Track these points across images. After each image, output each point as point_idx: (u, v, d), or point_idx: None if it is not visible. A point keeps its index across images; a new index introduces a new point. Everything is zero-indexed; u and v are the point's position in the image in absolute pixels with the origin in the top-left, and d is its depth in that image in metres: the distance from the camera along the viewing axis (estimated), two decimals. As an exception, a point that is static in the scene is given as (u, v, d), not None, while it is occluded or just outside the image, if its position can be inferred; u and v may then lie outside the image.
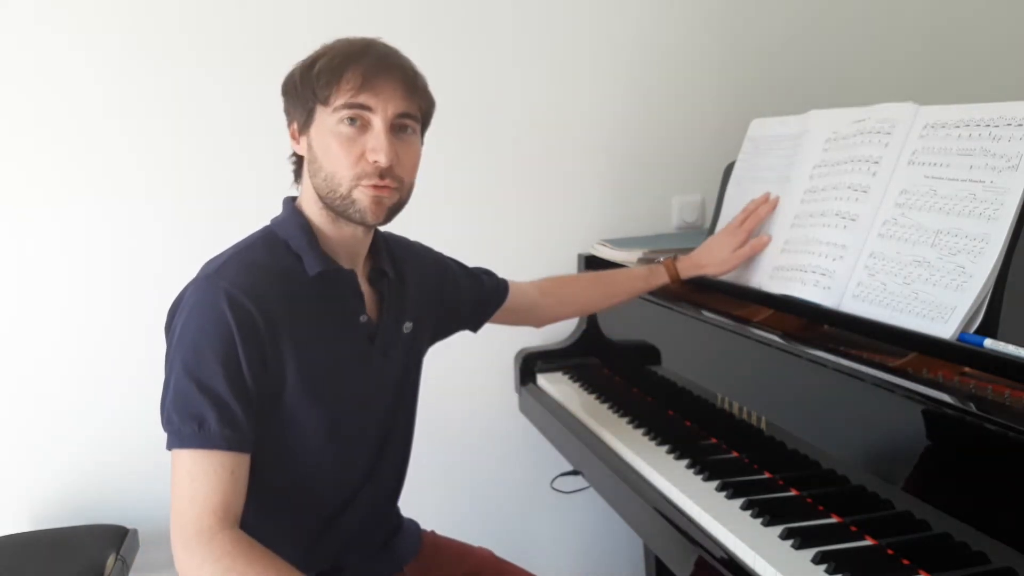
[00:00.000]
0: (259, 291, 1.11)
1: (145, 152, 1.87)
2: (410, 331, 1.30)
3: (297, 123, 1.18)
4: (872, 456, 1.17)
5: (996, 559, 0.94)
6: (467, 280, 1.48)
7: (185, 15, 1.85)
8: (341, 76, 1.12)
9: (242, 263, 1.14)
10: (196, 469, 1.06)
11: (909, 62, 2.26)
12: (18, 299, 1.86)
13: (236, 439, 1.07)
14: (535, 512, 2.19)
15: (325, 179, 1.15)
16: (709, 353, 1.57)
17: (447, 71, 1.98)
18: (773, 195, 1.58)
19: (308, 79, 1.14)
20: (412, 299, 1.31)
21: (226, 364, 1.07)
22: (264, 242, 1.19)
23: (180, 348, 1.10)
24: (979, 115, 1.23)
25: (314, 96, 1.14)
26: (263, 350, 1.10)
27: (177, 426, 1.07)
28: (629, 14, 2.10)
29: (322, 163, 1.15)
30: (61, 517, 1.89)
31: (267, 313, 1.10)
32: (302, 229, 1.18)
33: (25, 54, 1.79)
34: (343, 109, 1.13)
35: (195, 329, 1.09)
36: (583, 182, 2.12)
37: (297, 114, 1.17)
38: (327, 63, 1.13)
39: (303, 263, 1.16)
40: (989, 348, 1.09)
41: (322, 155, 1.15)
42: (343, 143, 1.13)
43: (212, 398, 1.07)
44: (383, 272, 1.27)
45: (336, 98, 1.13)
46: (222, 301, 1.08)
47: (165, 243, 1.87)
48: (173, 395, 1.08)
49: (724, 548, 1.17)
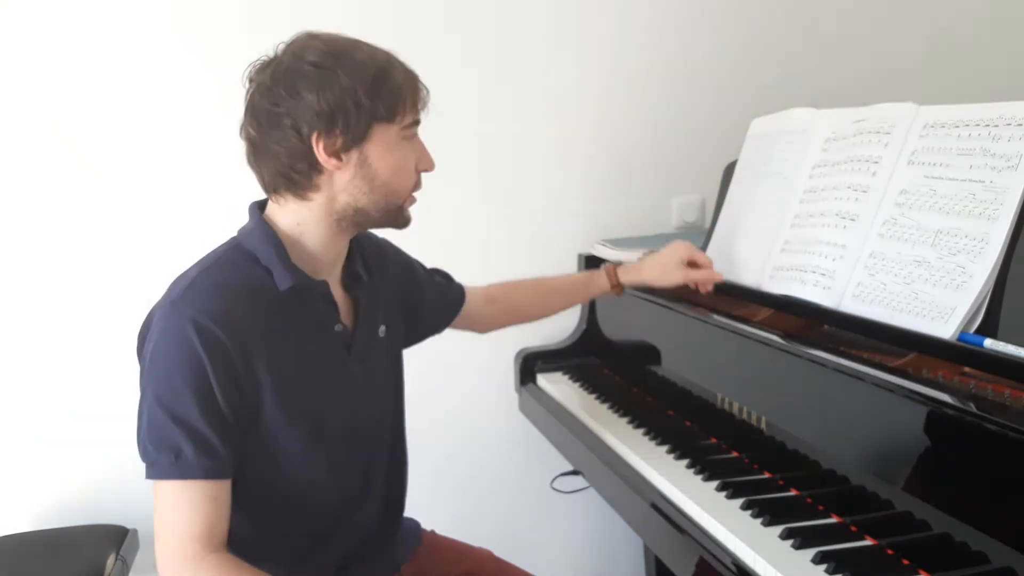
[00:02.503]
0: (227, 314, 1.08)
1: (147, 152, 1.87)
2: (385, 335, 1.29)
3: (343, 139, 1.10)
4: (872, 456, 1.17)
5: (996, 559, 0.94)
6: (430, 281, 1.47)
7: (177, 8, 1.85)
8: (408, 94, 1.14)
9: (208, 284, 1.10)
10: (176, 499, 1.06)
11: (909, 62, 2.26)
12: (18, 299, 1.86)
13: (214, 467, 1.06)
14: (535, 512, 2.19)
15: (385, 195, 1.16)
16: (709, 353, 1.56)
17: (447, 71, 1.98)
18: (773, 195, 1.58)
19: (378, 96, 1.10)
20: (384, 301, 1.31)
21: (198, 393, 1.06)
22: (231, 257, 1.15)
23: (151, 379, 1.09)
24: (979, 115, 1.23)
25: (383, 113, 1.12)
26: (236, 374, 1.08)
27: (154, 457, 1.07)
28: (629, 14, 2.10)
29: (385, 179, 1.15)
30: (61, 517, 1.89)
31: (237, 336, 1.08)
32: (270, 241, 1.14)
33: (16, 52, 1.80)
34: (412, 127, 1.16)
35: (163, 359, 1.07)
36: (583, 182, 2.12)
37: (350, 130, 1.10)
38: (403, 81, 1.13)
39: (273, 277, 1.13)
40: (989, 348, 1.09)
41: (386, 171, 1.14)
42: (409, 159, 1.17)
43: (187, 429, 1.05)
44: (358, 276, 1.25)
45: (405, 115, 1.14)
46: (189, 330, 1.05)
47: (167, 245, 1.87)
48: (148, 427, 1.08)
49: (724, 548, 1.17)
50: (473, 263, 1.59)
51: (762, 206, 1.60)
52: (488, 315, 1.58)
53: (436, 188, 2.00)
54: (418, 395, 1.43)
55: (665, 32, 2.13)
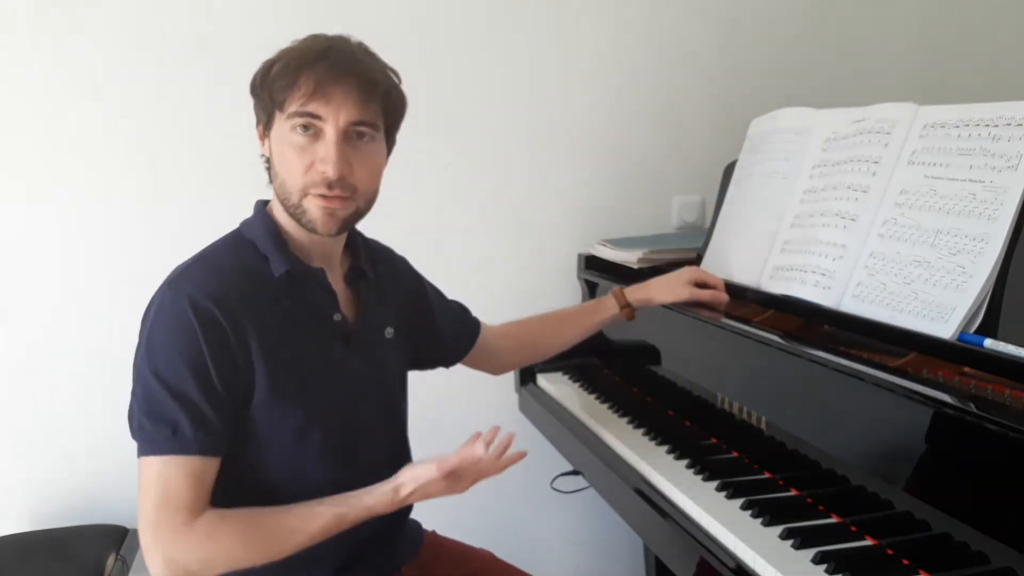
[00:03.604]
0: (222, 293, 1.10)
1: (142, 150, 1.87)
2: (392, 337, 1.29)
3: (261, 126, 1.17)
4: (872, 456, 1.17)
5: (996, 559, 0.94)
6: (445, 305, 1.46)
7: (170, 11, 1.85)
8: (295, 82, 1.10)
9: (206, 266, 1.14)
10: (167, 472, 1.07)
11: (909, 62, 2.26)
12: (18, 300, 1.86)
13: (209, 443, 1.08)
14: (535, 512, 2.19)
15: (280, 185, 1.15)
16: (709, 353, 1.56)
17: (447, 72, 1.99)
18: (773, 195, 1.58)
19: (266, 82, 1.13)
20: (391, 304, 1.30)
21: (195, 368, 1.07)
22: (231, 244, 1.18)
23: (148, 355, 1.10)
24: (979, 115, 1.23)
25: (271, 100, 1.13)
26: (231, 352, 1.09)
27: (151, 433, 1.07)
28: (629, 13, 2.10)
29: (278, 169, 1.15)
30: (61, 517, 1.89)
31: (232, 314, 1.09)
32: (267, 230, 1.17)
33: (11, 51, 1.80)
34: (295, 117, 1.11)
35: (161, 335, 1.09)
36: (583, 182, 2.12)
37: (260, 116, 1.17)
38: (282, 68, 1.11)
39: (269, 263, 1.15)
40: (989, 348, 1.09)
41: (277, 161, 1.15)
42: (295, 151, 1.12)
43: (184, 403, 1.07)
44: (362, 272, 1.25)
45: (289, 104, 1.11)
46: (185, 306, 1.07)
47: (165, 243, 1.87)
48: (145, 401, 1.09)
49: (724, 548, 1.17)
50: (473, 263, 1.59)
51: (762, 206, 1.61)
52: (504, 349, 1.55)
53: (436, 188, 2.02)
54: (418, 395, 1.42)
55: (665, 32, 2.13)
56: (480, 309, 1.53)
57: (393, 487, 1.15)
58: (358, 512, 1.13)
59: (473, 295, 1.54)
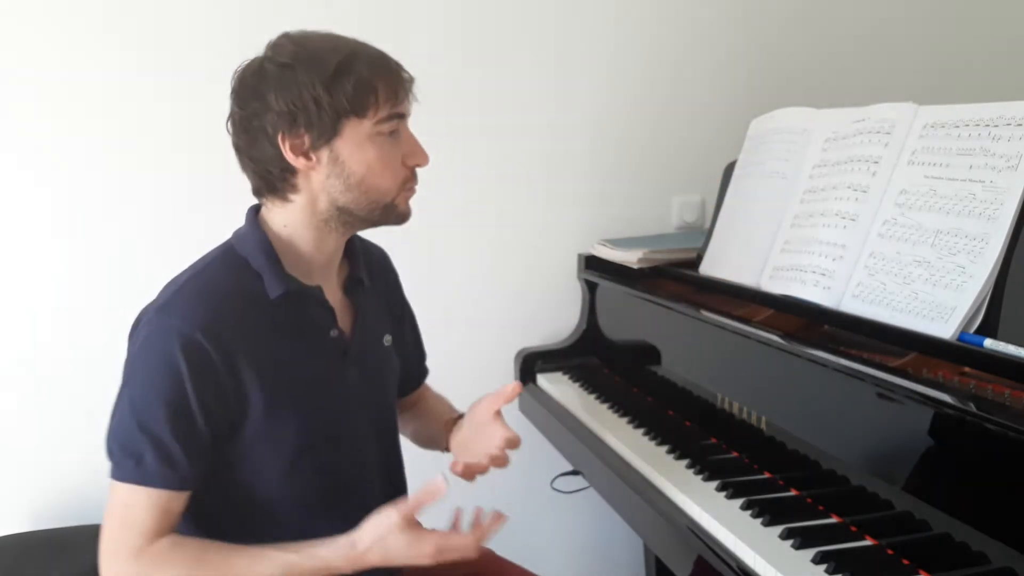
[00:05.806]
0: (214, 322, 1.07)
1: (147, 149, 1.87)
2: (390, 344, 1.28)
3: (310, 137, 1.09)
4: (872, 456, 1.17)
5: (996, 559, 0.94)
6: (414, 337, 1.43)
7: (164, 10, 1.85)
8: (379, 87, 1.10)
9: (197, 290, 1.10)
10: (131, 500, 1.07)
11: (909, 62, 2.26)
12: (19, 300, 1.86)
13: (175, 478, 1.07)
14: (535, 512, 2.18)
15: (365, 192, 1.12)
16: (709, 353, 1.56)
17: (447, 70, 1.99)
18: (773, 195, 1.58)
19: (340, 91, 1.08)
20: (388, 311, 1.29)
21: (171, 407, 1.06)
22: (223, 261, 1.15)
23: (127, 381, 1.09)
24: (979, 115, 1.23)
25: (348, 109, 1.09)
26: (220, 384, 1.08)
27: (118, 459, 1.07)
28: (629, 13, 2.10)
29: (362, 176, 1.11)
30: (61, 517, 1.88)
31: (224, 344, 1.07)
32: (260, 246, 1.13)
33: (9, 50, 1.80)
34: (387, 121, 1.11)
35: (143, 367, 1.08)
36: (583, 181, 2.12)
37: (314, 128, 1.09)
38: (368, 74, 1.09)
39: (264, 283, 1.12)
40: (989, 348, 1.09)
41: (361, 168, 1.11)
42: (389, 152, 1.13)
43: (152, 439, 1.06)
44: (359, 280, 1.24)
45: (375, 110, 1.10)
46: (173, 343, 1.05)
47: (169, 246, 1.87)
48: (116, 429, 1.09)
49: (724, 548, 1.17)
50: (473, 263, 1.59)
51: (762, 206, 1.61)
52: (402, 419, 1.43)
53: (436, 187, 2.01)
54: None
55: (665, 32, 2.13)
56: (480, 309, 1.53)
57: (350, 540, 1.09)
58: (312, 562, 1.08)
59: (472, 295, 1.55)
